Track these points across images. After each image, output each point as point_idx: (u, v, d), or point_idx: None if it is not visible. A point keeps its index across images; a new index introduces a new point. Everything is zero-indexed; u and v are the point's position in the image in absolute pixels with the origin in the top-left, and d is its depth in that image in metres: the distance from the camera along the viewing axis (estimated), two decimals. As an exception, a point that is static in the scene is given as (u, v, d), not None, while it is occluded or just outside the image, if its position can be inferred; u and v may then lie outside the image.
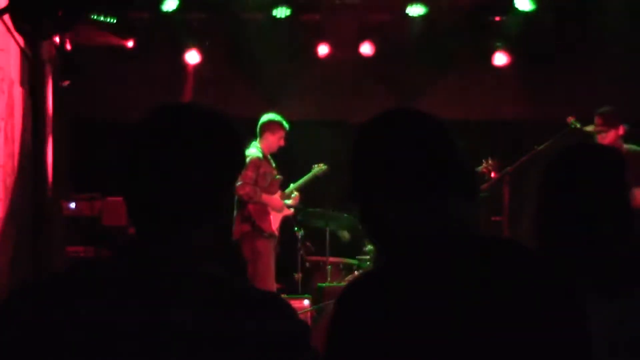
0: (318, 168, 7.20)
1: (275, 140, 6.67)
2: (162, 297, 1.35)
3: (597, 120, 5.81)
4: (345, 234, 7.23)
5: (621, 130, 5.76)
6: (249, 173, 6.48)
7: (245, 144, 1.44)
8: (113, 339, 1.31)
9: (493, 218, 6.68)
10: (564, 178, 1.85)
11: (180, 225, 1.40)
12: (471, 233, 1.48)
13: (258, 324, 1.34)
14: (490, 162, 6.40)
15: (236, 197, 6.56)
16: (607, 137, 5.70)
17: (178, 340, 1.32)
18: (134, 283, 1.36)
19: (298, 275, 7.13)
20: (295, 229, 7.16)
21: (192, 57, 7.83)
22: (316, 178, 7.17)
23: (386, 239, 1.51)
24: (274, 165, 6.77)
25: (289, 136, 6.85)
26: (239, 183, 6.43)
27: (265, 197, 6.57)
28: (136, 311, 1.33)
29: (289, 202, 6.89)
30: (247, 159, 6.54)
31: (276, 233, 6.68)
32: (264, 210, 6.60)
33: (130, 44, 7.78)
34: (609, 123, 5.75)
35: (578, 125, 5.88)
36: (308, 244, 7.26)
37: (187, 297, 1.35)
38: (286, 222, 7.02)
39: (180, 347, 1.32)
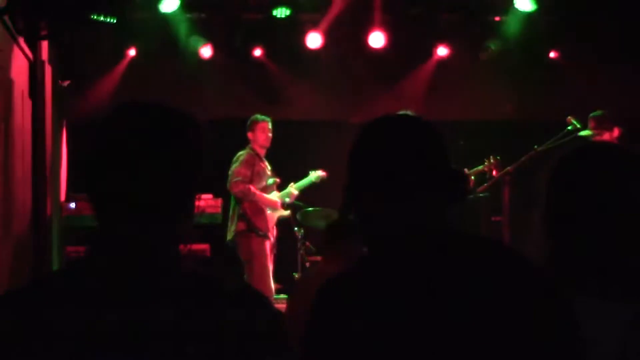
0: (315, 174, 7.17)
1: (260, 135, 6.62)
2: (141, 298, 1.35)
3: (590, 123, 5.83)
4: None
5: (616, 132, 5.75)
6: (243, 170, 6.46)
7: (206, 138, 1.49)
8: (93, 345, 1.31)
9: (493, 218, 6.69)
10: (576, 177, 1.83)
11: (154, 222, 1.41)
12: (454, 233, 1.52)
13: (235, 316, 1.36)
14: (492, 160, 6.40)
15: (232, 196, 6.56)
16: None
17: (159, 340, 1.32)
18: (112, 286, 1.36)
19: (298, 275, 7.13)
20: (295, 229, 7.15)
21: (193, 55, 7.84)
22: (313, 184, 7.15)
23: (374, 238, 1.56)
24: (269, 168, 6.75)
25: (289, 136, 6.83)
26: (233, 181, 6.42)
27: (259, 196, 6.55)
28: (115, 315, 1.33)
29: (287, 199, 6.87)
30: (242, 158, 6.53)
31: (271, 232, 6.66)
32: (259, 208, 6.58)
33: (132, 52, 7.79)
34: (602, 126, 5.76)
35: (578, 126, 5.88)
36: (308, 244, 7.26)
37: (165, 296, 1.36)
38: (286, 222, 7.02)
39: (161, 347, 1.32)
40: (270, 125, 6.66)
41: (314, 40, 7.82)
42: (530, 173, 5.68)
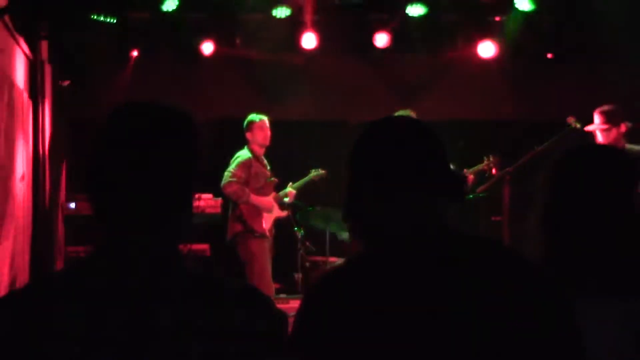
0: (315, 173, 7.17)
1: (258, 135, 6.61)
2: (142, 298, 1.35)
3: (598, 118, 5.70)
4: (346, 234, 7.23)
5: (623, 128, 5.66)
6: (238, 172, 6.45)
7: (202, 139, 1.53)
8: (94, 345, 1.31)
9: (493, 218, 6.69)
10: (571, 178, 1.84)
11: (154, 223, 1.41)
12: (454, 233, 1.54)
13: (236, 316, 1.36)
14: (491, 159, 6.39)
15: (230, 198, 6.57)
16: (609, 136, 5.57)
17: (159, 340, 1.32)
18: (113, 286, 1.36)
19: (298, 275, 7.13)
20: (295, 229, 7.15)
21: (193, 55, 7.84)
22: (313, 182, 7.15)
23: (373, 238, 1.58)
24: (268, 167, 6.75)
25: (289, 136, 6.82)
26: (227, 181, 6.42)
27: (254, 198, 6.54)
28: (116, 315, 1.33)
29: (286, 200, 6.87)
30: (238, 160, 6.52)
31: (268, 233, 6.66)
32: (256, 210, 6.58)
33: (132, 52, 7.79)
34: (611, 121, 5.64)
35: (578, 126, 5.84)
36: (308, 244, 7.26)
37: (165, 296, 1.36)
38: (286, 222, 7.02)
39: (162, 347, 1.32)
40: (267, 124, 6.65)
41: (312, 40, 7.83)
42: (530, 173, 5.68)
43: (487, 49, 7.80)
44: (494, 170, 6.31)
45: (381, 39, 7.75)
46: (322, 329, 1.46)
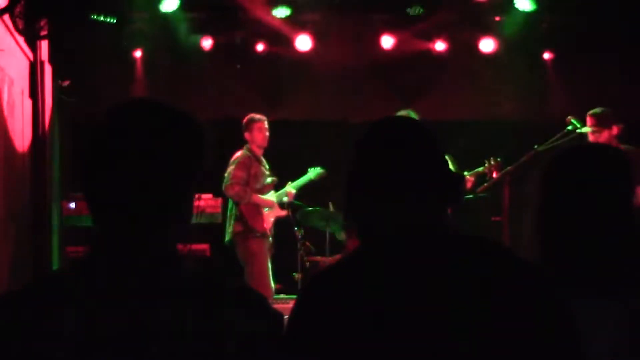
0: (313, 171, 7.17)
1: (256, 136, 6.61)
2: (141, 298, 1.35)
3: (589, 121, 5.79)
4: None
5: (615, 130, 5.73)
6: (239, 173, 6.45)
7: (206, 138, 1.51)
8: (94, 345, 1.31)
9: (493, 218, 6.69)
10: (566, 178, 1.84)
11: (153, 222, 1.40)
12: (453, 233, 1.54)
13: (234, 317, 1.36)
14: (492, 162, 6.39)
15: (229, 198, 6.57)
16: (601, 138, 5.67)
17: (159, 341, 1.32)
18: (113, 286, 1.35)
19: (298, 275, 7.13)
20: (295, 229, 7.15)
21: (193, 54, 7.84)
22: (311, 181, 7.15)
23: (370, 238, 1.58)
24: (267, 167, 6.75)
25: (289, 136, 6.81)
26: (228, 183, 6.42)
27: (255, 197, 6.54)
28: (116, 315, 1.33)
29: (285, 199, 6.86)
30: (237, 161, 6.52)
31: (268, 233, 6.66)
32: (256, 209, 6.58)
33: (131, 51, 7.78)
34: (601, 123, 5.73)
35: (578, 125, 5.86)
36: (308, 244, 7.25)
37: (165, 296, 1.35)
38: (286, 222, 7.02)
39: (161, 347, 1.32)
40: (266, 125, 6.66)
41: (310, 40, 7.84)
42: (530, 173, 5.68)
43: (487, 46, 7.82)
44: (494, 174, 6.31)
45: (387, 41, 7.77)
46: (320, 328, 1.46)
